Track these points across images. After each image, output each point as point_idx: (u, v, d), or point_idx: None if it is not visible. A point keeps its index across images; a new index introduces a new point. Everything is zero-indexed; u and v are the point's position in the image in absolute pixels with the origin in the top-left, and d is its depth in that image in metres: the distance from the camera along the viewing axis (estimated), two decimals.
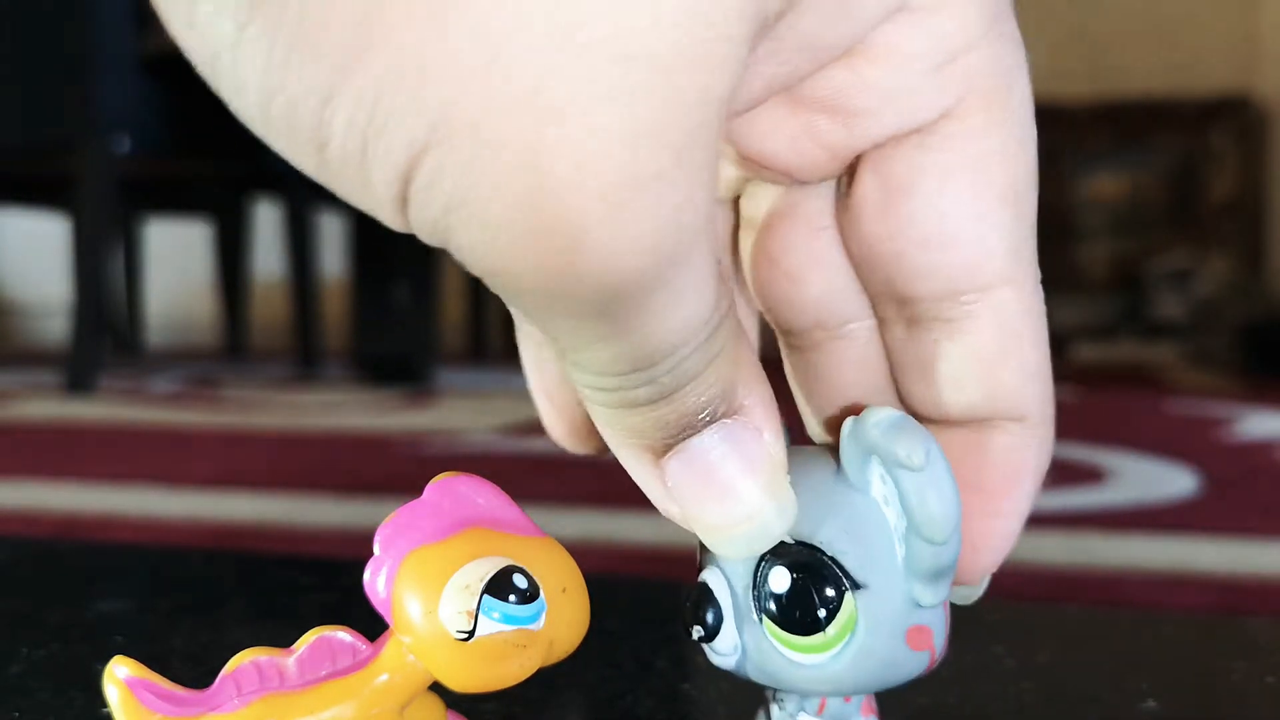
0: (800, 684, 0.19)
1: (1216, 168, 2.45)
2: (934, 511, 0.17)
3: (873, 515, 0.18)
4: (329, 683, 0.19)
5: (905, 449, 0.17)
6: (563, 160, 0.13)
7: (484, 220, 0.13)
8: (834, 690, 0.19)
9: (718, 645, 0.19)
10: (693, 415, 0.17)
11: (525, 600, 0.19)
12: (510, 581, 0.19)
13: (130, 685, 0.20)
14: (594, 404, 0.17)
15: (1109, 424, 1.16)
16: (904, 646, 0.18)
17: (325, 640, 0.20)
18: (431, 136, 0.13)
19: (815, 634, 0.18)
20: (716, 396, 0.17)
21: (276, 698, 0.19)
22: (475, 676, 0.19)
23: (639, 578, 0.49)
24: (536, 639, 0.19)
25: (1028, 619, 0.38)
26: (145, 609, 0.38)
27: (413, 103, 0.13)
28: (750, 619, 0.19)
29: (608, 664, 0.32)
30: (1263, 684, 0.31)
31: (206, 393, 1.58)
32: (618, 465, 0.19)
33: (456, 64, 0.13)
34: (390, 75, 0.13)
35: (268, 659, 0.20)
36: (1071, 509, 0.68)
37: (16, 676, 0.31)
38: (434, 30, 0.12)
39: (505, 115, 0.13)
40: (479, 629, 0.19)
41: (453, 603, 0.19)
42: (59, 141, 1.47)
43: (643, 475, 0.18)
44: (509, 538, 0.20)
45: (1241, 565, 0.54)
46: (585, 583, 0.20)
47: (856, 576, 0.18)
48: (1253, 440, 1.02)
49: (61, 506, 0.69)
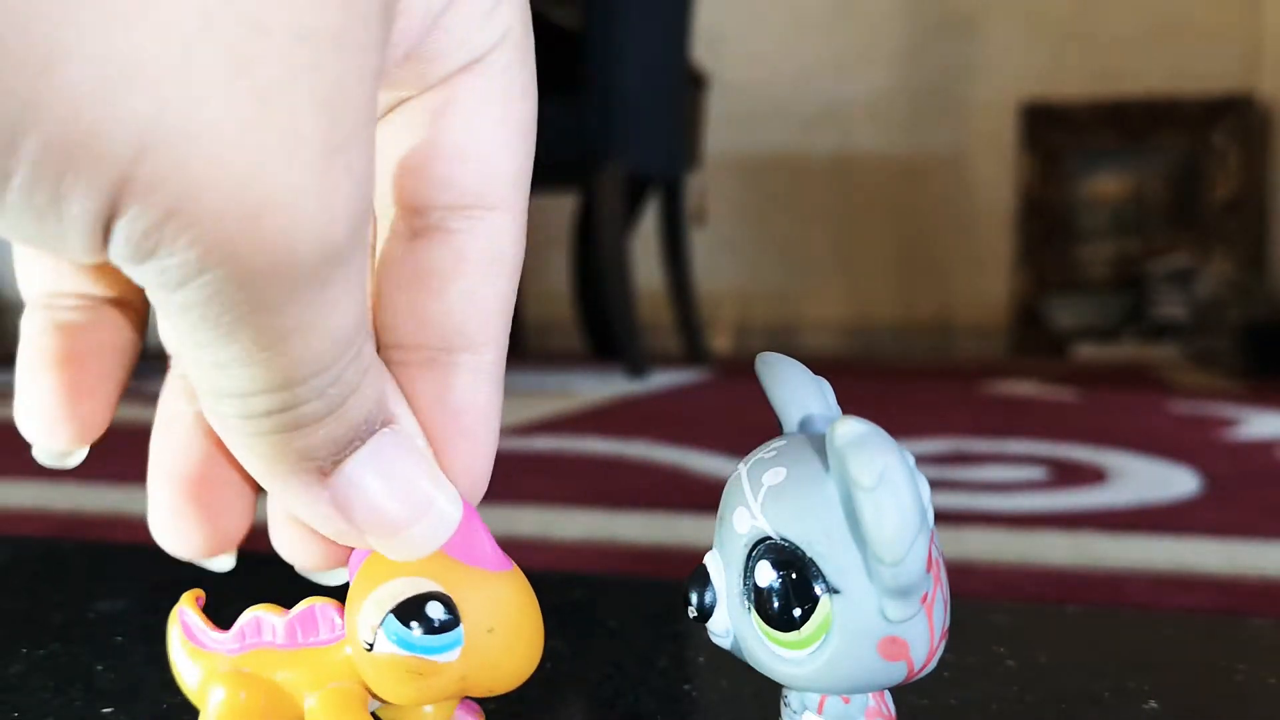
0: (782, 677, 0.20)
1: (1219, 168, 2.45)
2: (886, 533, 0.17)
3: (855, 520, 0.18)
4: (310, 649, 0.21)
5: (857, 467, 0.17)
6: (271, 138, 0.13)
7: (204, 217, 0.13)
8: (811, 688, 0.19)
9: (712, 626, 0.20)
10: (358, 428, 0.18)
11: (433, 631, 0.19)
12: (421, 610, 0.19)
13: (184, 623, 0.23)
14: (261, 435, 0.17)
15: (1110, 424, 1.16)
16: (876, 656, 0.19)
17: (315, 608, 0.22)
18: (144, 143, 0.13)
19: (792, 631, 0.19)
20: (373, 408, 0.18)
21: (266, 652, 0.22)
22: (377, 687, 0.20)
23: (639, 578, 0.49)
24: (440, 670, 0.20)
25: (1028, 619, 0.38)
26: (145, 609, 0.38)
27: (117, 114, 0.12)
28: (741, 606, 0.19)
29: (609, 663, 0.32)
30: (1264, 684, 0.31)
31: None
32: (618, 465, 0.19)
33: (154, 67, 0.12)
34: (86, 90, 0.12)
35: (269, 615, 0.22)
36: (1072, 509, 0.68)
37: (16, 676, 0.31)
38: (122, 37, 0.12)
39: (213, 106, 0.13)
40: (377, 645, 0.20)
41: (366, 615, 0.20)
42: None
43: (311, 500, 0.18)
44: (455, 564, 0.20)
45: (1243, 565, 0.54)
46: (535, 626, 0.20)
47: (833, 581, 0.18)
48: (1254, 440, 1.01)
49: (62, 506, 0.69)
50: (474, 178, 0.20)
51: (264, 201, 0.14)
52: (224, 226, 0.14)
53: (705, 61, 2.36)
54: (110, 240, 0.14)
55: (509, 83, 0.20)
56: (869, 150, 2.63)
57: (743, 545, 0.19)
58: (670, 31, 1.86)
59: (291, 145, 0.14)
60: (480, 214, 0.20)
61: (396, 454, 0.18)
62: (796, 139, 2.66)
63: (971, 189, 2.58)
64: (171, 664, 0.23)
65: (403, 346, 0.20)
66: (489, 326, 0.20)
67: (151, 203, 0.13)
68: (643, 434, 1.04)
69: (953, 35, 2.58)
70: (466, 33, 0.19)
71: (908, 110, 2.61)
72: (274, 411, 0.16)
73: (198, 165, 0.13)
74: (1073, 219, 2.50)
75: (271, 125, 0.13)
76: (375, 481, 0.18)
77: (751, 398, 0.33)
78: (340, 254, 0.15)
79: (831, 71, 2.63)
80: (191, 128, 0.13)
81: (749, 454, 0.21)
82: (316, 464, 0.18)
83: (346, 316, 0.16)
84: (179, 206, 0.13)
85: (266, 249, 0.14)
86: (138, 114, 0.12)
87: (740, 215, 2.69)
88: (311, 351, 0.16)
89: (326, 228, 0.14)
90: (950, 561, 0.48)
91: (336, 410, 0.17)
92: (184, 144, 0.13)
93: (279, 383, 0.16)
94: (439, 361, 0.20)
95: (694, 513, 0.66)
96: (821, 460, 0.19)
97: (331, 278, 0.15)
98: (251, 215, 0.14)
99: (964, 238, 2.58)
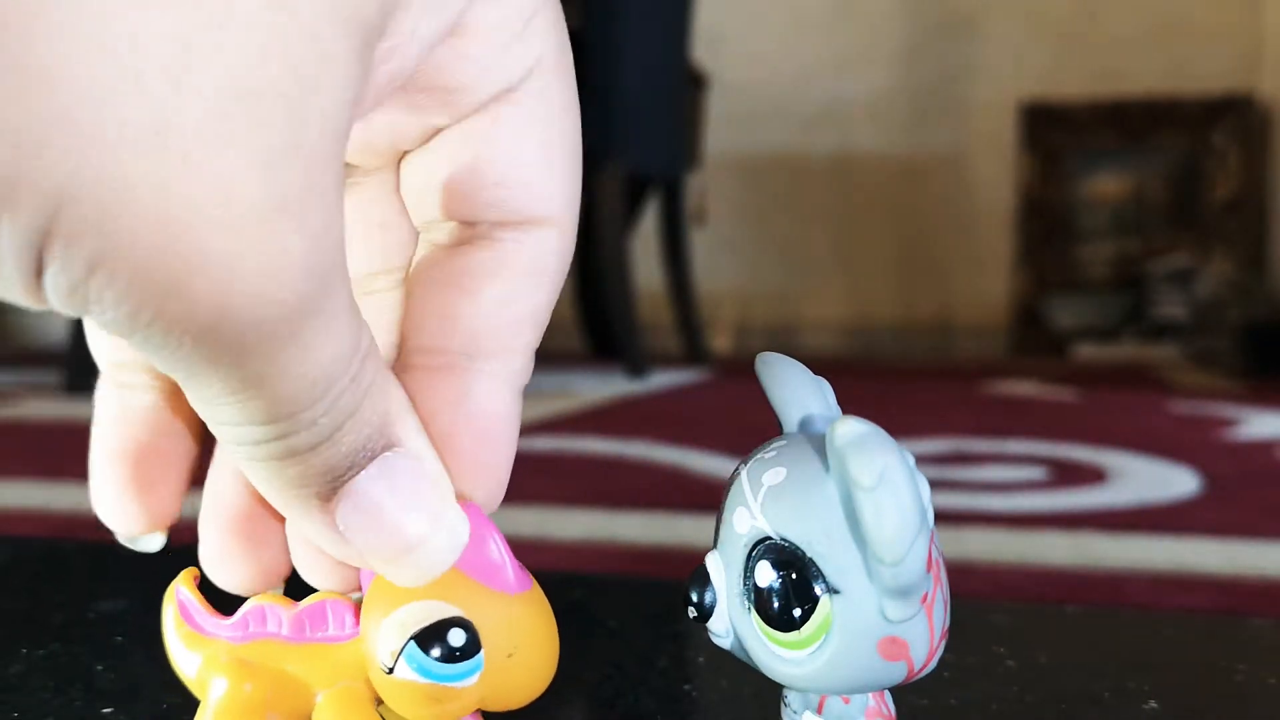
0: (782, 677, 0.20)
1: (1219, 167, 2.45)
2: (886, 533, 0.17)
3: (855, 520, 0.18)
4: (318, 644, 0.21)
5: (857, 467, 0.17)
6: (198, 198, 0.13)
7: (129, 274, 0.13)
8: (811, 688, 0.19)
9: (712, 626, 0.20)
10: (354, 454, 0.17)
11: (454, 659, 0.19)
12: (443, 636, 0.19)
13: (181, 604, 0.22)
14: (257, 462, 0.17)
15: (1110, 424, 1.16)
16: (876, 656, 0.19)
17: (326, 604, 0.21)
18: (62, 197, 0.13)
19: (792, 631, 0.19)
20: (374, 432, 0.17)
21: (271, 643, 0.21)
22: (391, 704, 0.20)
23: (639, 578, 0.49)
24: (459, 695, 0.19)
25: (1028, 619, 0.38)
26: (145, 609, 0.38)
27: (35, 168, 0.12)
28: (741, 607, 0.19)
29: (609, 663, 0.32)
30: (1264, 685, 0.31)
31: None
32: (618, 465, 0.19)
33: (73, 123, 0.12)
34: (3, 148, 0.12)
35: (275, 606, 0.21)
36: (1073, 509, 0.68)
37: (16, 676, 0.31)
38: (42, 95, 0.12)
39: (133, 164, 0.13)
40: (397, 671, 0.19)
41: (386, 637, 0.19)
42: None
43: (314, 525, 0.18)
44: (477, 587, 0.20)
45: (1243, 566, 0.54)
46: (552, 645, 0.20)
47: (833, 581, 0.18)
48: (1254, 440, 1.01)
49: (62, 506, 0.69)
50: (519, 201, 0.20)
51: (190, 263, 0.13)
52: (152, 285, 0.13)
53: (705, 61, 2.36)
54: (45, 291, 0.14)
55: (547, 106, 0.20)
56: (869, 150, 2.63)
57: (743, 545, 0.19)
58: (670, 31, 1.86)
59: (221, 207, 0.13)
60: (528, 228, 0.20)
61: (397, 480, 0.18)
62: (796, 139, 2.66)
63: (971, 189, 2.58)
64: (166, 647, 0.22)
65: (427, 350, 0.20)
66: (519, 335, 0.20)
67: (73, 256, 0.13)
68: (642, 434, 1.04)
69: (953, 35, 2.58)
70: (491, 60, 0.19)
71: (908, 110, 2.61)
72: (262, 441, 0.16)
73: (120, 222, 0.13)
74: (1073, 219, 2.50)
75: (197, 186, 0.13)
76: (373, 508, 0.18)
77: (751, 398, 0.33)
78: (299, 309, 0.15)
79: (831, 71, 2.63)
80: (112, 185, 0.13)
81: (749, 454, 0.21)
82: (314, 490, 0.17)
83: (325, 356, 0.16)
84: (101, 261, 0.13)
85: (200, 311, 0.14)
86: (56, 168, 0.12)
87: (740, 215, 2.69)
88: (287, 393, 0.16)
89: (268, 290, 0.14)
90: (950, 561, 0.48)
91: (330, 438, 0.17)
92: (104, 199, 0.13)
93: (260, 419, 0.16)
94: (461, 367, 0.20)
95: (694, 513, 0.66)
96: (821, 460, 0.19)
97: (297, 330, 0.15)
98: (179, 276, 0.13)
99: (964, 238, 2.58)
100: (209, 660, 0.21)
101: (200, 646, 0.22)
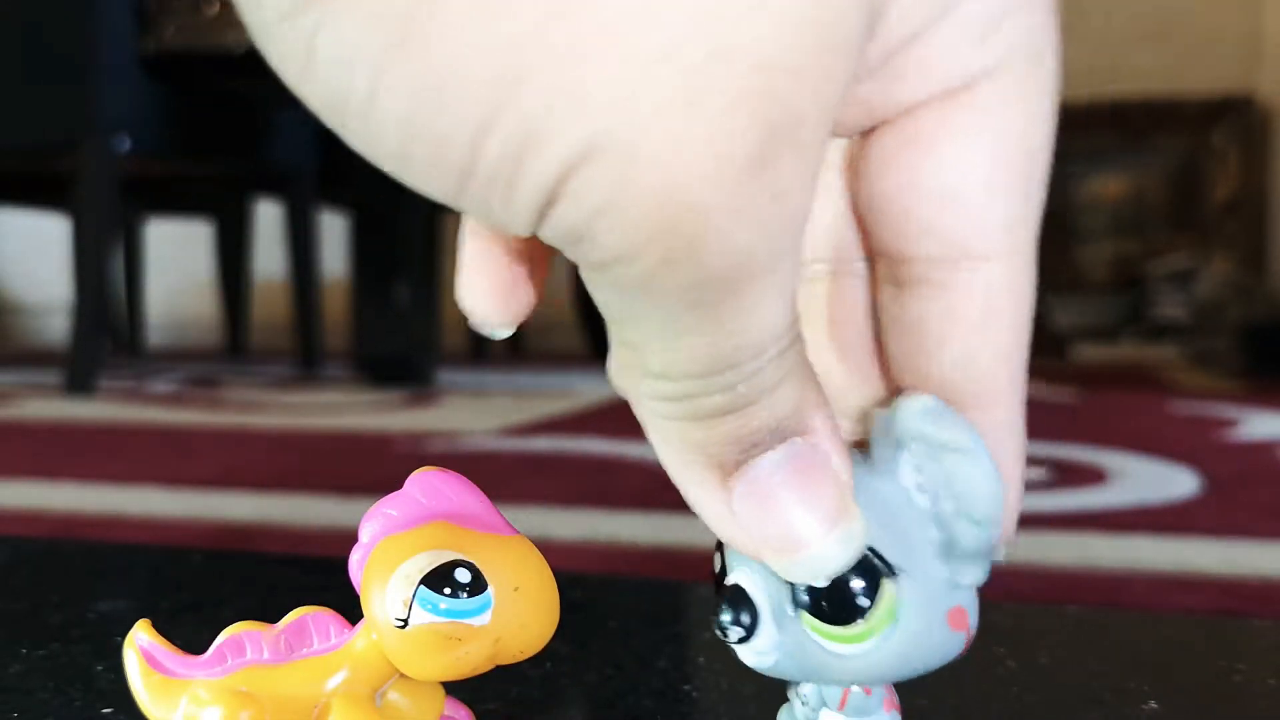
0: (842, 675, 0.19)
1: (1219, 168, 2.45)
2: (982, 491, 0.18)
3: (904, 502, 0.18)
4: (305, 660, 0.21)
5: (950, 433, 0.18)
6: (704, 158, 0.14)
7: (625, 222, 0.15)
8: (877, 679, 0.19)
9: (757, 645, 0.19)
10: (763, 432, 0.17)
11: (465, 594, 0.20)
12: (450, 575, 0.20)
13: (145, 651, 0.22)
14: (661, 418, 0.17)
15: (1110, 425, 1.16)
16: (945, 628, 0.18)
17: (307, 619, 0.21)
18: (587, 152, 0.14)
19: (855, 623, 0.18)
20: (788, 414, 0.17)
21: (256, 669, 0.21)
22: (414, 664, 0.20)
23: (639, 578, 0.49)
24: (476, 634, 0.20)
25: (1028, 619, 0.38)
26: (145, 609, 0.38)
27: (571, 125, 0.14)
28: (787, 615, 0.19)
29: (609, 663, 0.32)
30: (1264, 685, 0.31)
31: (206, 393, 1.58)
32: (618, 465, 0.19)
33: (611, 89, 0.14)
34: (547, 102, 0.14)
35: (254, 632, 0.21)
36: (1073, 509, 0.68)
37: (16, 676, 0.31)
38: (589, 59, 0.14)
39: (653, 132, 0.14)
40: (413, 618, 0.20)
41: (395, 591, 0.20)
42: (59, 141, 1.46)
43: (705, 497, 0.18)
44: (469, 533, 0.20)
45: (1243, 566, 0.54)
46: (552, 585, 0.21)
47: (893, 563, 0.18)
48: (1254, 441, 1.01)
49: (62, 506, 0.69)
50: (958, 225, 0.18)
51: (681, 213, 0.14)
52: (642, 230, 0.15)
53: None
54: (544, 224, 0.15)
55: (1008, 113, 0.18)
56: None
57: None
58: None
59: (718, 166, 0.14)
60: (968, 265, 0.18)
61: (799, 470, 0.17)
62: None
63: None
64: (135, 697, 0.22)
65: None
66: (992, 388, 0.19)
67: (584, 202, 0.14)
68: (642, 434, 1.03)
69: None
70: (956, 50, 0.17)
71: None
72: (677, 398, 0.17)
73: (630, 177, 0.14)
74: (1072, 219, 2.50)
75: (707, 148, 0.14)
76: (777, 491, 0.17)
77: None
78: (747, 266, 0.15)
79: None
80: (633, 146, 0.14)
81: None
82: (716, 459, 0.17)
83: (763, 319, 0.16)
84: (606, 209, 0.14)
85: (675, 254, 0.15)
86: (586, 128, 0.14)
87: None
88: (717, 348, 0.16)
89: (731, 241, 0.15)
90: None
91: (743, 408, 0.17)
92: (623, 158, 0.14)
93: (680, 372, 0.16)
94: None
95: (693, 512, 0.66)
96: None
97: (741, 287, 0.15)
98: (668, 224, 0.15)
99: None
100: (193, 699, 0.21)
101: (174, 691, 0.21)
